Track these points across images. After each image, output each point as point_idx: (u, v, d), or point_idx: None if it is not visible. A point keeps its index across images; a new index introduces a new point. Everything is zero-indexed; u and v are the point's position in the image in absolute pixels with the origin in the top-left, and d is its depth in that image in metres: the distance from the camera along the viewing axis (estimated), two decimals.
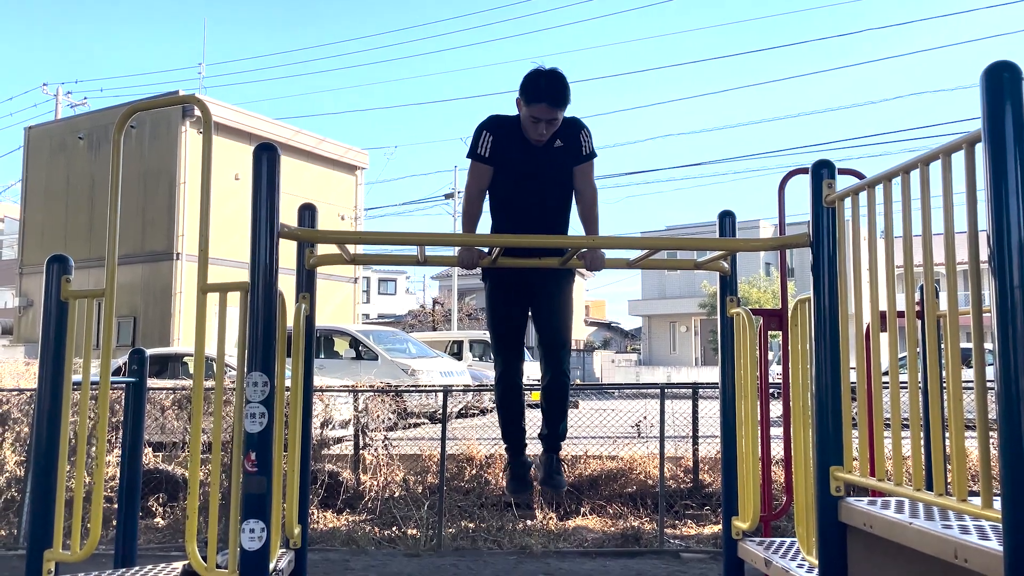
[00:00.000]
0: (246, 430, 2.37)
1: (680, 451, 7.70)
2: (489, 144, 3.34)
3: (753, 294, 30.95)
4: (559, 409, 3.56)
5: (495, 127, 3.37)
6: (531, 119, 3.25)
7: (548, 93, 3.21)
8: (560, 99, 3.24)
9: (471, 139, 3.41)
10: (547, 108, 3.21)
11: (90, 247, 20.10)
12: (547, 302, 3.50)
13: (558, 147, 3.37)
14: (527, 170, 3.36)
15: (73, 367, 2.84)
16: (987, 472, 1.85)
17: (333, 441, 8.09)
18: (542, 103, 3.21)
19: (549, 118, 3.24)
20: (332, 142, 25.20)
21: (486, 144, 3.34)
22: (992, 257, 1.74)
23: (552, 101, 3.21)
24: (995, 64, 1.80)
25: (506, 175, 3.38)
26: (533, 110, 3.22)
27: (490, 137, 3.34)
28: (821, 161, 2.62)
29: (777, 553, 3.05)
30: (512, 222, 3.41)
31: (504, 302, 3.51)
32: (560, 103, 3.24)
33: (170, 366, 12.04)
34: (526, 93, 3.24)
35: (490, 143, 3.34)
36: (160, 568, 3.00)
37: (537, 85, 3.22)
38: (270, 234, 2.43)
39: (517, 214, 3.41)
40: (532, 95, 3.22)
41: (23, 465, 7.11)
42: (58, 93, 30.79)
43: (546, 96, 3.21)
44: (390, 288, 53.25)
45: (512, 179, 3.37)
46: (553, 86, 3.23)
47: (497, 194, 3.46)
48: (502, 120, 3.39)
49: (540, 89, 3.21)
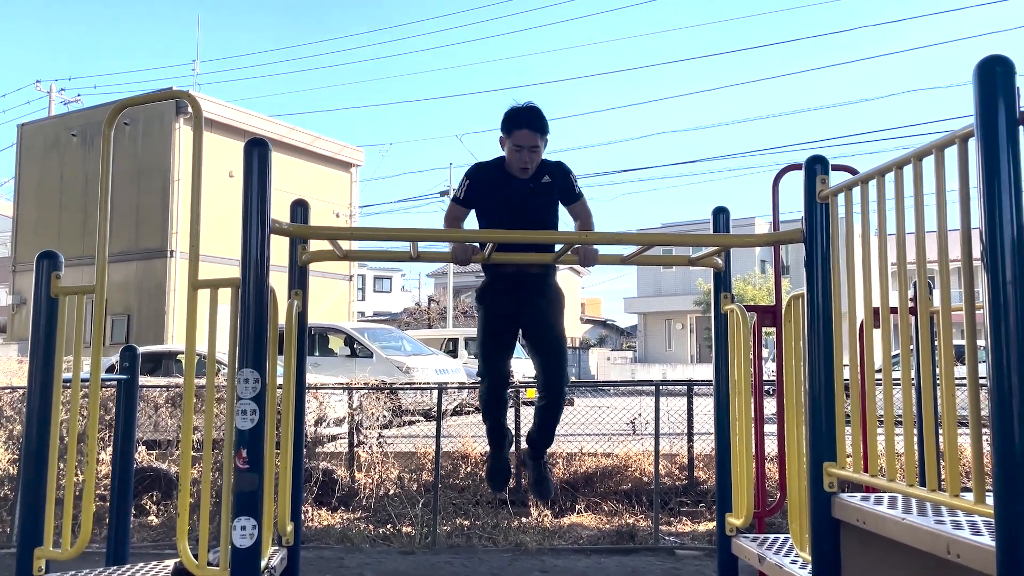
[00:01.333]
0: (237, 427, 2.36)
1: (675, 448, 7.71)
2: (465, 189, 3.51)
3: (748, 291, 30.99)
4: (551, 422, 3.69)
5: (476, 173, 3.54)
6: (514, 148, 3.41)
7: (527, 119, 3.40)
8: (539, 124, 3.42)
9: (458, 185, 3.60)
10: (528, 134, 3.38)
11: (84, 245, 20.01)
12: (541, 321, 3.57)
13: (546, 182, 3.50)
14: (514, 205, 3.46)
15: (65, 365, 2.82)
16: (980, 468, 1.84)
17: (328, 439, 8.07)
18: (523, 129, 3.38)
19: (531, 144, 3.40)
20: (327, 139, 25.14)
21: (463, 189, 3.53)
22: (985, 253, 1.74)
23: (531, 126, 3.41)
24: (988, 58, 1.79)
25: (494, 214, 3.50)
26: (515, 138, 3.40)
27: (467, 183, 3.52)
28: (815, 157, 2.62)
29: (771, 549, 3.05)
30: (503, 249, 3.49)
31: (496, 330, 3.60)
32: (540, 128, 3.41)
33: (163, 364, 12.01)
34: (507, 124, 3.44)
35: (466, 188, 3.51)
36: (151, 566, 2.98)
37: (516, 114, 3.43)
38: (261, 229, 2.42)
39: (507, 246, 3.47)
40: (512, 123, 3.42)
41: (16, 463, 7.08)
42: (51, 90, 30.66)
43: (525, 122, 3.39)
44: (385, 286, 53.19)
45: (500, 216, 3.46)
46: (531, 113, 3.43)
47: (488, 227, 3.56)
48: (484, 165, 3.57)
49: (519, 117, 3.42)
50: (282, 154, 20.69)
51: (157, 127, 21.16)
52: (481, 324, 3.66)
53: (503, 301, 3.54)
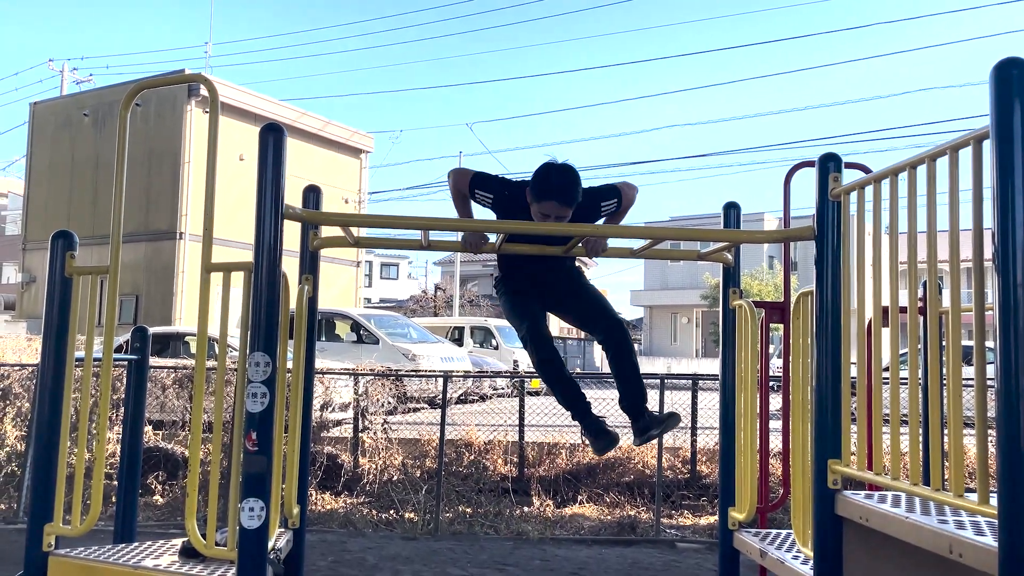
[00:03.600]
0: (247, 409, 2.38)
1: (678, 442, 7.73)
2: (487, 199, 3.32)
3: (754, 287, 30.93)
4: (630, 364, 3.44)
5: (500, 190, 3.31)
6: (540, 215, 3.17)
7: (558, 192, 3.13)
8: (569, 198, 3.15)
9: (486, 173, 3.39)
10: (556, 206, 3.13)
11: (94, 224, 20.10)
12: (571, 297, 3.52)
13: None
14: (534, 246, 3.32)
15: (76, 343, 2.85)
16: (984, 468, 1.85)
17: (333, 424, 8.12)
18: (551, 200, 3.13)
19: (558, 215, 3.16)
20: (338, 125, 25.13)
21: (484, 195, 3.32)
22: (996, 255, 1.74)
23: (561, 200, 3.13)
24: (1004, 61, 1.79)
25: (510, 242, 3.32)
26: (543, 207, 3.14)
27: (491, 197, 3.31)
28: (828, 154, 2.61)
29: (773, 544, 3.06)
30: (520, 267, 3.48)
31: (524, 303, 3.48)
32: (569, 202, 3.15)
33: (171, 345, 12.08)
34: (536, 188, 3.17)
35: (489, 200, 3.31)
36: (159, 544, 3.02)
37: (547, 182, 3.15)
38: (275, 215, 2.43)
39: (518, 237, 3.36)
40: (543, 192, 3.14)
41: (24, 440, 7.15)
42: (64, 69, 30.71)
43: (556, 195, 3.13)
44: (392, 273, 53.26)
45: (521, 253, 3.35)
46: (564, 185, 3.15)
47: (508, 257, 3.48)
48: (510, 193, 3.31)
49: (550, 188, 3.13)
50: (292, 139, 20.43)
51: (169, 109, 21.19)
52: (508, 303, 3.51)
53: (524, 285, 3.48)
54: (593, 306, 3.51)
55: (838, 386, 2.47)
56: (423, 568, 5.43)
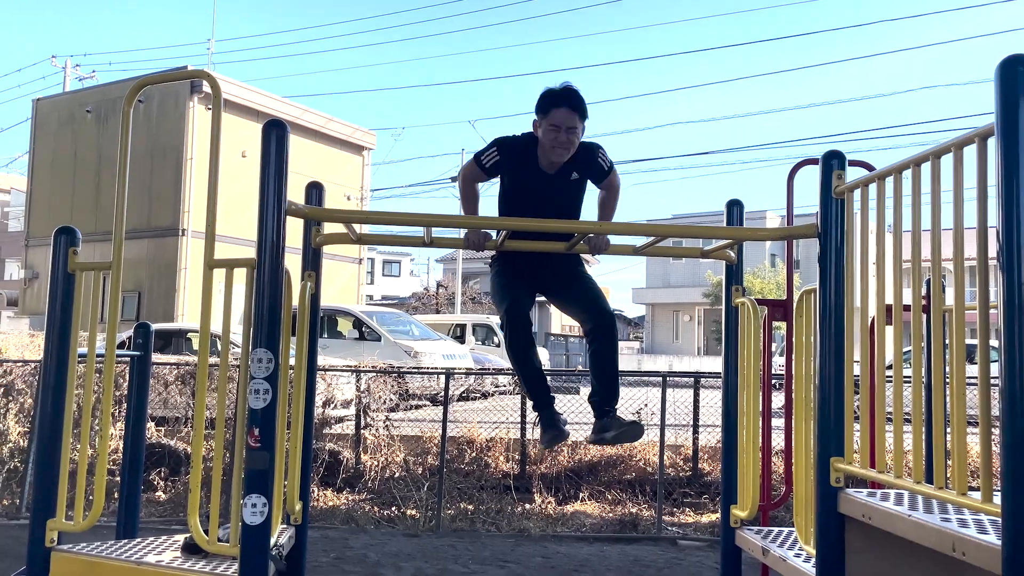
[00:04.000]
0: (250, 406, 2.38)
1: (680, 440, 7.73)
2: (493, 161, 3.34)
3: (757, 285, 30.91)
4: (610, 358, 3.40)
5: (505, 149, 3.34)
6: (551, 128, 3.22)
7: (566, 97, 3.23)
8: (578, 104, 3.24)
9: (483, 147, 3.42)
10: (567, 112, 3.21)
11: (96, 221, 20.14)
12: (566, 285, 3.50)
13: (574, 179, 3.37)
14: (537, 199, 3.33)
15: (78, 340, 2.85)
16: (988, 467, 1.85)
17: (335, 420, 8.12)
18: (562, 107, 3.21)
19: (569, 125, 3.22)
20: (340, 122, 25.13)
21: (491, 160, 3.35)
22: (1001, 253, 1.74)
23: (571, 105, 3.22)
24: (1010, 58, 1.78)
25: (514, 201, 3.39)
26: (552, 117, 3.22)
27: (496, 157, 3.34)
28: (832, 152, 2.61)
29: (775, 542, 3.06)
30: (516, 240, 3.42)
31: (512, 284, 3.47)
32: (578, 108, 3.24)
33: (174, 341, 12.09)
34: (543, 104, 3.25)
35: (494, 161, 3.34)
36: (161, 540, 3.02)
37: (554, 93, 3.26)
38: (278, 211, 2.43)
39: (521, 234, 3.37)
40: (550, 102, 3.24)
41: (26, 436, 7.16)
42: (67, 66, 30.70)
43: (564, 100, 3.22)
44: (394, 270, 53.25)
45: (520, 206, 3.35)
46: (571, 93, 3.25)
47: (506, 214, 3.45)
48: (514, 144, 3.36)
49: (558, 95, 3.24)
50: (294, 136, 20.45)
51: (172, 105, 21.20)
52: (497, 279, 3.51)
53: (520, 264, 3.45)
54: (587, 294, 3.48)
55: (841, 384, 2.46)
56: (425, 565, 5.43)
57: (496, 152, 3.34)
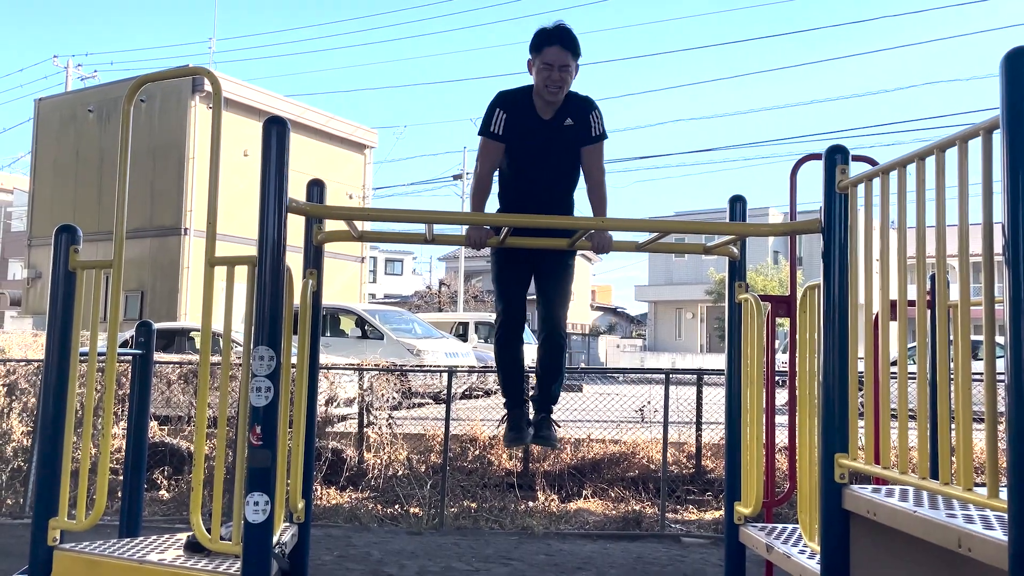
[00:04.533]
0: (252, 403, 2.38)
1: (683, 437, 7.72)
2: (503, 122, 3.33)
3: (759, 282, 30.86)
4: (553, 368, 3.53)
5: (507, 103, 3.36)
6: (544, 67, 3.24)
7: (558, 35, 3.25)
8: (570, 41, 3.25)
9: (483, 116, 3.40)
10: (559, 50, 3.24)
11: (99, 220, 20.13)
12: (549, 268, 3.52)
13: (568, 125, 3.36)
14: (536, 147, 3.35)
15: (80, 338, 2.85)
16: (993, 462, 1.84)
17: (337, 419, 8.12)
18: (554, 45, 3.23)
19: (561, 63, 3.24)
20: (341, 120, 25.12)
21: (499, 122, 3.33)
22: (1007, 248, 1.72)
23: (563, 42, 3.24)
24: (1015, 50, 1.76)
25: (514, 152, 3.37)
26: (545, 55, 3.24)
27: (503, 115, 3.33)
28: (835, 147, 2.59)
29: (779, 539, 3.05)
30: (519, 201, 3.41)
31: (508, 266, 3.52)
32: (570, 46, 3.25)
33: (176, 340, 12.10)
34: (536, 42, 3.27)
35: (503, 121, 3.33)
36: (164, 539, 3.01)
37: (546, 31, 3.27)
38: (278, 208, 2.42)
39: (524, 193, 3.41)
40: (543, 40, 3.25)
41: (30, 435, 7.16)
42: (69, 65, 30.72)
43: (556, 39, 3.24)
44: (396, 268, 53.25)
45: (520, 156, 3.36)
46: (562, 30, 3.27)
47: (504, 171, 3.45)
48: (513, 95, 3.39)
49: (550, 33, 3.25)
50: (296, 134, 20.46)
51: (173, 104, 21.20)
52: (495, 260, 3.55)
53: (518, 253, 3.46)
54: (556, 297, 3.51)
55: (845, 380, 2.45)
56: (428, 563, 5.43)
57: (499, 109, 3.34)
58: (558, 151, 3.36)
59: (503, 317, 3.51)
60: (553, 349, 3.52)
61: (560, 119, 3.34)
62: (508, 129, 3.33)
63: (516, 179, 3.45)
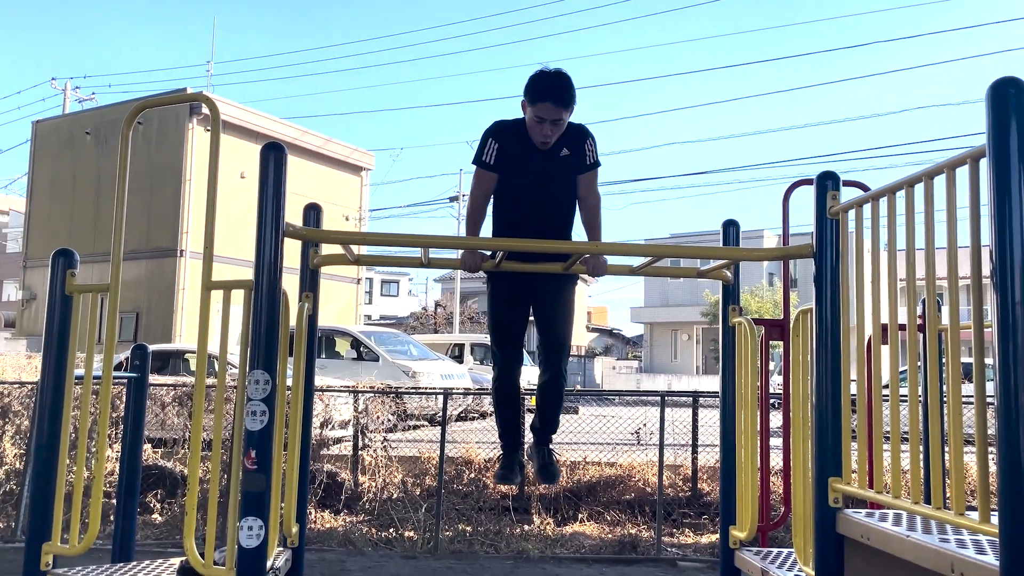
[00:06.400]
0: (247, 427, 2.38)
1: (679, 459, 7.69)
2: (494, 152, 3.34)
3: (754, 304, 30.91)
4: (554, 407, 3.62)
5: (500, 134, 3.37)
6: (536, 119, 3.24)
7: (553, 92, 3.21)
8: (565, 98, 3.23)
9: (478, 145, 3.41)
10: (552, 107, 3.21)
11: (95, 242, 20.15)
12: (550, 304, 3.51)
13: (564, 155, 3.38)
14: (531, 176, 3.37)
15: (76, 361, 2.85)
16: (985, 487, 1.85)
17: (332, 441, 8.09)
18: (547, 102, 3.21)
19: (554, 118, 3.23)
20: (338, 143, 25.24)
21: (491, 152, 3.35)
22: (995, 272, 1.75)
23: (556, 100, 3.21)
24: (1000, 80, 1.80)
25: (510, 181, 3.39)
26: (538, 110, 3.22)
27: (495, 145, 3.34)
28: (826, 173, 2.63)
29: (774, 563, 3.05)
30: (514, 228, 3.42)
31: (505, 303, 3.52)
32: (564, 102, 3.23)
33: (171, 363, 12.06)
34: (531, 93, 3.24)
35: (495, 151, 3.34)
36: (157, 564, 3.00)
37: (542, 84, 3.23)
38: (275, 232, 2.44)
39: (519, 220, 3.42)
40: (537, 94, 3.22)
41: (23, 458, 7.12)
42: (66, 88, 30.87)
43: (551, 95, 3.21)
44: (392, 290, 53.26)
45: (516, 185, 3.38)
46: (558, 85, 3.23)
47: (500, 199, 3.47)
48: (507, 126, 3.40)
49: (545, 88, 3.22)
50: (293, 156, 20.66)
51: (171, 127, 21.30)
52: (490, 293, 3.53)
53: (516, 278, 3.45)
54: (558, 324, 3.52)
55: (838, 403, 2.47)
56: None
57: (493, 140, 3.35)
58: (554, 179, 3.38)
59: (500, 367, 3.54)
60: (554, 391, 3.56)
61: (556, 149, 3.36)
62: (500, 159, 3.34)
63: (512, 206, 3.46)
